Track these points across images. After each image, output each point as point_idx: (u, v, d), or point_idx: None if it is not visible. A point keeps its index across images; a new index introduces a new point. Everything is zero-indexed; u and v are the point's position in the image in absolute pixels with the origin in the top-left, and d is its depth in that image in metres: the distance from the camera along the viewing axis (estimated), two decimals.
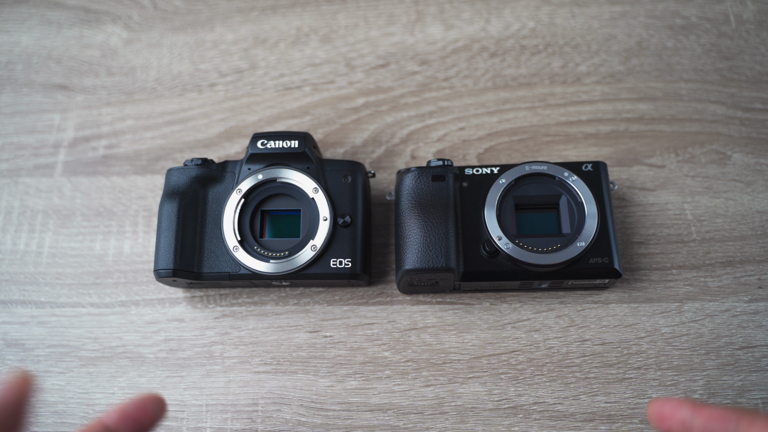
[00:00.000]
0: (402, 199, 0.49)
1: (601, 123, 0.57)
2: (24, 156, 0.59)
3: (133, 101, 0.61)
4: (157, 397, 0.30)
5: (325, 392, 0.48)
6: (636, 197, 0.54)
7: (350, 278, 0.48)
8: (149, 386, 0.49)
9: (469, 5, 0.63)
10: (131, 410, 0.30)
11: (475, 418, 0.47)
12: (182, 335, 0.51)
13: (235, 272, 0.48)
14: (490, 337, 0.49)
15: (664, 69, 0.59)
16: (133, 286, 0.53)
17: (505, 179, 0.48)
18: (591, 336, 0.49)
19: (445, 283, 0.48)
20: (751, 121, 0.56)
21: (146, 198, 0.56)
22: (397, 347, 0.49)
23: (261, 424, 0.47)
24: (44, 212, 0.56)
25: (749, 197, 0.53)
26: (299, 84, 0.61)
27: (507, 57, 0.61)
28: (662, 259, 0.51)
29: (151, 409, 0.30)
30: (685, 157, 0.55)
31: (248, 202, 0.50)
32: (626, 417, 0.46)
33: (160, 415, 0.30)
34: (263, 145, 0.50)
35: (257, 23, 0.64)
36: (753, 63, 0.58)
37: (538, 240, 0.46)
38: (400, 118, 0.58)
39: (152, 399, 0.30)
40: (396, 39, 0.62)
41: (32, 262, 0.55)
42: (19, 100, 0.62)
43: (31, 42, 0.64)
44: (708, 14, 0.61)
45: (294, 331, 0.51)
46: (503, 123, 0.58)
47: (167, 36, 0.64)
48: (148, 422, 0.30)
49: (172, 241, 0.48)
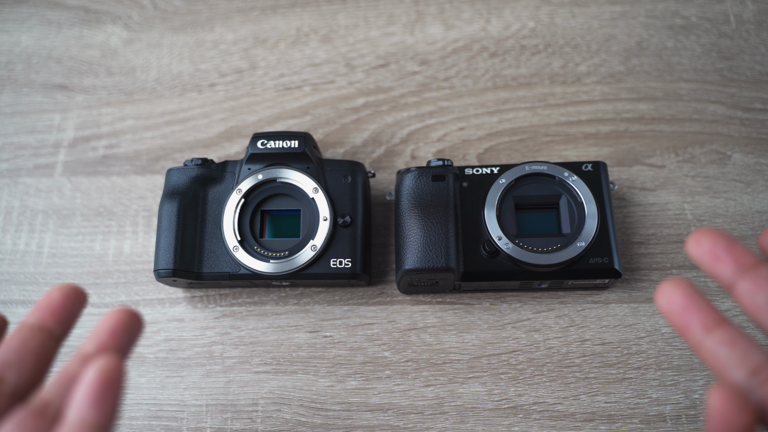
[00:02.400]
0: (402, 199, 0.49)
1: (601, 123, 0.57)
2: (24, 156, 0.59)
3: (133, 101, 0.61)
4: (71, 285, 0.30)
5: (325, 392, 0.48)
6: (636, 197, 0.54)
7: (350, 278, 0.48)
8: (149, 386, 0.49)
9: (469, 5, 0.63)
10: (45, 301, 0.29)
11: (475, 418, 0.47)
12: (182, 335, 0.51)
13: (235, 272, 0.48)
14: (490, 337, 0.49)
15: (664, 69, 0.59)
16: (133, 286, 0.53)
17: (505, 179, 0.48)
18: (591, 336, 0.49)
19: (445, 283, 0.48)
20: (751, 121, 0.56)
21: (146, 198, 0.56)
22: (397, 347, 0.49)
23: (261, 424, 0.47)
24: (44, 212, 0.56)
25: (749, 197, 0.53)
26: (299, 84, 0.61)
27: (507, 57, 0.61)
28: (662, 259, 0.51)
29: (67, 292, 0.30)
30: (685, 157, 0.55)
31: (248, 202, 0.50)
32: (626, 417, 0.46)
33: (78, 297, 0.30)
34: (263, 145, 0.50)
35: (257, 23, 0.64)
36: (753, 63, 0.58)
37: (538, 240, 0.46)
38: (400, 118, 0.58)
39: (66, 285, 0.30)
40: (396, 39, 0.62)
41: (32, 262, 0.55)
42: (19, 100, 0.62)
43: (31, 42, 0.64)
44: (708, 14, 0.61)
45: (294, 331, 0.51)
46: (503, 123, 0.58)
47: (167, 36, 0.64)
48: (69, 307, 0.30)
49: (172, 241, 0.48)
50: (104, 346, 0.28)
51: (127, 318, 0.29)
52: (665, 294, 0.28)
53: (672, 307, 0.27)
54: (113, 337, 0.28)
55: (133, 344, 0.29)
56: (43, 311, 0.29)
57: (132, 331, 0.29)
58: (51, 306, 0.29)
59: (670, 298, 0.28)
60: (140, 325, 0.29)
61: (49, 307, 0.29)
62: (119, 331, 0.28)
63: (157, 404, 0.49)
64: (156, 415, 0.48)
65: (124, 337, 0.29)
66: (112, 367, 0.26)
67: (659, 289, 0.28)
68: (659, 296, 0.28)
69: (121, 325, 0.29)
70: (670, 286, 0.28)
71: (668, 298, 0.28)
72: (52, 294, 0.30)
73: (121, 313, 0.29)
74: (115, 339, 0.28)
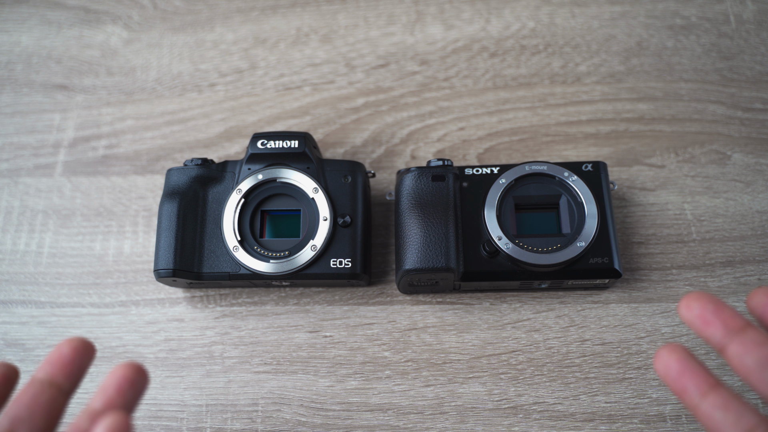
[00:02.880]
0: (402, 199, 0.49)
1: (601, 123, 0.57)
2: (24, 156, 0.59)
3: (133, 101, 0.61)
4: (79, 338, 0.31)
5: (325, 392, 0.48)
6: (636, 197, 0.54)
7: (350, 278, 0.48)
8: (149, 386, 0.49)
9: (469, 5, 0.63)
10: (55, 355, 0.30)
11: (475, 418, 0.47)
12: (182, 335, 0.51)
13: (235, 272, 0.48)
14: (490, 337, 0.49)
15: (664, 69, 0.59)
16: (133, 286, 0.53)
17: (505, 179, 0.48)
18: (591, 336, 0.49)
19: (445, 283, 0.48)
20: (751, 121, 0.56)
21: (146, 198, 0.56)
22: (397, 347, 0.49)
23: (261, 424, 0.47)
24: (44, 212, 0.56)
25: (749, 197, 0.53)
26: (299, 84, 0.61)
27: (507, 57, 0.61)
28: (662, 259, 0.51)
29: (76, 346, 0.30)
30: (685, 157, 0.55)
31: (248, 202, 0.50)
32: (626, 417, 0.46)
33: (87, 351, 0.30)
34: (263, 145, 0.50)
35: (257, 23, 0.64)
36: (753, 63, 0.58)
37: (538, 240, 0.46)
38: (400, 118, 0.58)
39: (75, 339, 0.30)
40: (396, 39, 0.62)
41: (32, 262, 0.55)
42: (19, 100, 0.62)
43: (31, 42, 0.64)
44: (708, 14, 0.61)
45: (294, 331, 0.51)
46: (503, 123, 0.58)
47: (167, 36, 0.64)
48: (78, 362, 0.30)
49: (172, 241, 0.48)
50: (112, 403, 0.29)
51: (133, 373, 0.30)
52: (662, 360, 0.29)
53: (669, 373, 0.29)
54: (120, 393, 0.29)
55: (140, 399, 0.30)
56: (53, 366, 0.30)
57: (138, 386, 0.30)
58: (61, 361, 0.30)
59: (667, 363, 0.29)
60: (146, 379, 0.30)
61: (59, 361, 0.30)
62: (126, 387, 0.29)
63: (157, 404, 0.49)
64: (156, 415, 0.48)
65: (131, 392, 0.29)
66: (120, 424, 0.27)
67: (657, 355, 0.29)
68: (657, 362, 0.29)
69: (128, 381, 0.29)
70: (667, 351, 0.29)
71: (665, 364, 0.29)
72: (62, 348, 0.30)
73: (128, 368, 0.30)
74: (122, 395, 0.29)
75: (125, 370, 0.30)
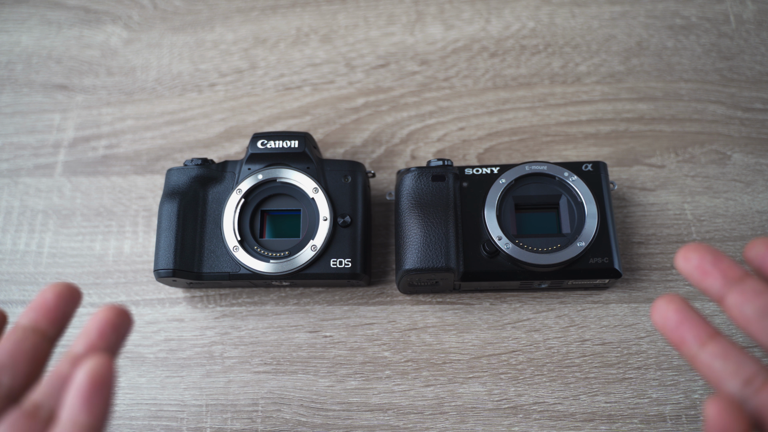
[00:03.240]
0: (402, 199, 0.49)
1: (601, 123, 0.57)
2: (24, 156, 0.59)
3: (133, 101, 0.61)
4: (64, 283, 0.30)
5: (325, 392, 0.48)
6: (636, 197, 0.54)
7: (350, 278, 0.48)
8: (149, 386, 0.49)
9: (469, 5, 0.63)
10: (39, 301, 0.29)
11: (475, 418, 0.47)
12: (182, 335, 0.51)
13: (235, 272, 0.48)
14: (490, 337, 0.49)
15: (664, 69, 0.59)
16: (133, 286, 0.53)
17: (505, 179, 0.48)
18: (591, 336, 0.49)
19: (445, 283, 0.48)
20: (751, 121, 0.56)
21: (146, 198, 0.56)
22: (397, 347, 0.49)
23: (261, 424, 0.47)
24: (44, 212, 0.56)
25: (749, 197, 0.53)
26: (299, 84, 0.61)
27: (507, 57, 0.61)
28: (662, 259, 0.51)
29: (61, 291, 0.29)
30: (685, 157, 0.55)
31: (248, 202, 0.50)
32: (626, 417, 0.46)
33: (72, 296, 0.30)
34: (263, 145, 0.50)
35: (257, 23, 0.64)
36: (753, 63, 0.58)
37: (538, 240, 0.46)
38: (400, 118, 0.58)
39: (59, 284, 0.29)
40: (396, 39, 0.62)
41: (32, 262, 0.55)
42: (19, 100, 0.62)
43: (31, 42, 0.64)
44: (708, 14, 0.61)
45: (294, 331, 0.51)
46: (503, 123, 0.58)
47: (167, 36, 0.64)
48: (63, 307, 0.29)
49: (172, 241, 0.48)
50: (93, 346, 0.28)
51: (116, 316, 0.29)
52: (660, 310, 0.28)
53: (667, 323, 0.28)
54: (102, 336, 0.28)
55: (123, 342, 0.29)
56: (37, 312, 0.29)
57: (121, 328, 0.29)
58: (44, 306, 0.29)
59: (665, 314, 0.28)
60: (129, 322, 0.29)
61: (42, 307, 0.29)
62: (108, 330, 0.28)
63: (157, 404, 0.49)
64: (156, 415, 0.48)
65: (114, 335, 0.28)
66: (102, 367, 0.26)
67: (654, 306, 0.29)
68: (654, 313, 0.29)
69: (110, 324, 0.28)
70: (664, 302, 0.28)
71: (663, 315, 0.28)
72: (46, 294, 0.29)
73: (110, 311, 0.29)
74: (105, 338, 0.28)
75: (108, 312, 0.28)
